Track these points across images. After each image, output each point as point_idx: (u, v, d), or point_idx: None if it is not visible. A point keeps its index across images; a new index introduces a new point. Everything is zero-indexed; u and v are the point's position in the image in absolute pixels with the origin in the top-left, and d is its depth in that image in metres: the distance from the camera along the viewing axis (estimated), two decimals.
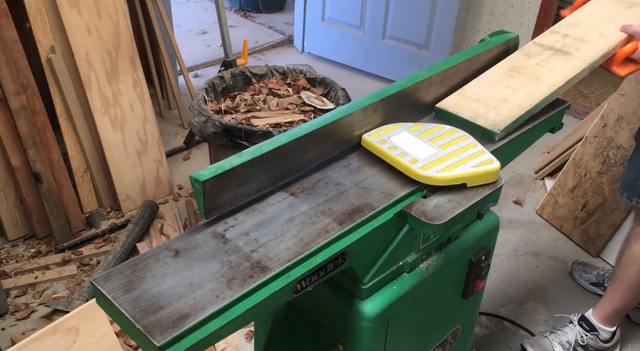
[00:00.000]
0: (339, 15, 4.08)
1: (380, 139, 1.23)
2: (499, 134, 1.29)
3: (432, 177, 1.13)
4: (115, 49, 2.52)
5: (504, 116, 1.32)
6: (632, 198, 1.80)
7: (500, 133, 1.29)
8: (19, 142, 2.31)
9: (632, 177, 1.81)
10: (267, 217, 1.08)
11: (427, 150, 1.20)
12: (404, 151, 1.19)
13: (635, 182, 1.78)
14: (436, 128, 1.29)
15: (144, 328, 0.84)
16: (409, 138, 1.23)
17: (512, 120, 1.32)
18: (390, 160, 1.19)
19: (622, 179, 1.85)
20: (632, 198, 1.80)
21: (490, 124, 1.30)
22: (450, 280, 1.38)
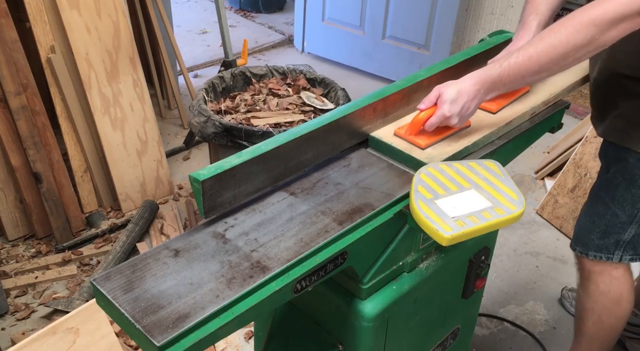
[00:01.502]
0: (339, 15, 4.08)
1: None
2: None
3: None
4: (115, 49, 2.52)
5: (442, 150, 1.25)
6: (587, 253, 1.59)
7: None
8: (19, 142, 2.31)
9: (584, 228, 1.60)
10: (267, 216, 1.08)
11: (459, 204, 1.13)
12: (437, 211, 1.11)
13: (589, 234, 1.57)
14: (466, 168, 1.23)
15: (144, 328, 0.84)
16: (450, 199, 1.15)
17: (448, 154, 1.24)
18: None
19: (575, 233, 1.64)
20: (587, 252, 1.59)
21: (425, 157, 1.22)
22: (450, 280, 1.38)
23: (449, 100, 1.19)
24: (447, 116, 1.20)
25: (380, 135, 1.30)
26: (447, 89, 1.20)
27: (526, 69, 1.16)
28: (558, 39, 1.12)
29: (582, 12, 1.11)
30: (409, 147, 1.25)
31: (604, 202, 1.53)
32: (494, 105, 1.37)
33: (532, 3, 1.41)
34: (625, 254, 1.54)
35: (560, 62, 1.15)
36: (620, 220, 1.50)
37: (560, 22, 1.13)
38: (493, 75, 1.19)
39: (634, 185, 1.45)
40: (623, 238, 1.52)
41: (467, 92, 1.19)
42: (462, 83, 1.20)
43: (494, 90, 1.21)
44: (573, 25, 1.11)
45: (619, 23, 1.09)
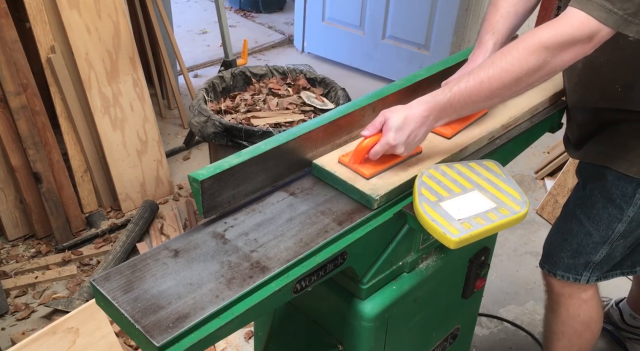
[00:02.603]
0: (339, 15, 4.08)
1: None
2: (378, 201, 1.10)
3: None
4: (115, 49, 2.52)
5: (388, 180, 1.15)
6: (555, 272, 1.52)
7: (380, 200, 1.10)
8: (19, 142, 2.31)
9: (555, 246, 1.53)
10: (266, 217, 1.08)
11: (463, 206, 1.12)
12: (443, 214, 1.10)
13: (559, 252, 1.51)
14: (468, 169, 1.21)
15: (144, 328, 0.84)
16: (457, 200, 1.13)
17: (395, 185, 1.14)
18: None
19: (544, 250, 1.58)
20: (555, 271, 1.52)
21: (369, 188, 1.12)
22: (450, 280, 1.38)
23: (395, 128, 1.10)
24: (392, 144, 1.11)
25: (324, 162, 1.20)
26: (393, 115, 1.11)
27: (477, 94, 1.09)
28: (510, 63, 1.07)
29: (533, 34, 1.07)
30: (352, 176, 1.15)
31: (578, 219, 1.46)
32: (448, 130, 1.28)
33: (489, 21, 1.35)
34: (592, 275, 1.48)
35: (513, 87, 1.09)
36: (593, 240, 1.43)
37: (512, 45, 1.08)
38: (442, 100, 1.11)
39: (611, 204, 1.38)
40: (594, 260, 1.46)
41: (415, 119, 1.11)
42: (409, 109, 1.12)
43: (444, 116, 1.13)
44: (525, 48, 1.06)
45: (570, 47, 1.05)
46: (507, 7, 1.34)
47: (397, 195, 1.15)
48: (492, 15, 1.34)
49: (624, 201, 1.36)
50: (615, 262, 1.49)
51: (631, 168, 1.33)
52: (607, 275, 1.51)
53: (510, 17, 1.33)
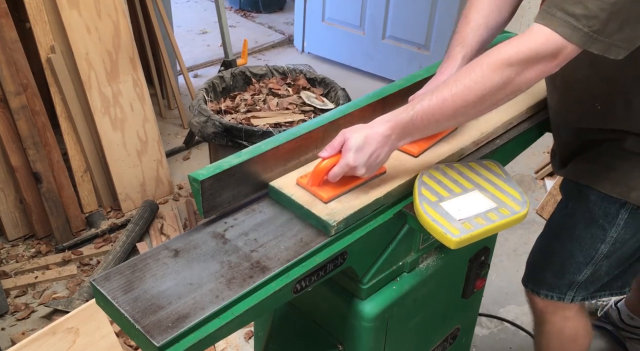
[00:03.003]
0: (339, 15, 4.08)
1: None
2: (336, 227, 1.03)
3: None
4: (115, 49, 2.52)
5: (347, 204, 1.08)
6: (539, 291, 1.49)
7: (337, 226, 1.03)
8: (19, 142, 2.31)
9: (538, 265, 1.50)
10: (266, 217, 1.08)
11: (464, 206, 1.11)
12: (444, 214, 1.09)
13: (543, 272, 1.47)
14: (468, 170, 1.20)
15: (144, 329, 0.84)
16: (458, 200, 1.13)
17: (355, 209, 1.06)
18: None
19: (527, 268, 1.55)
20: (539, 291, 1.49)
21: (326, 214, 1.05)
22: (450, 280, 1.38)
23: (355, 148, 1.04)
24: (352, 166, 1.05)
25: (281, 184, 1.13)
26: (353, 135, 1.05)
27: (440, 113, 1.04)
28: (473, 80, 1.02)
29: (497, 50, 1.03)
30: (310, 199, 1.08)
31: (561, 239, 1.42)
32: (415, 148, 1.22)
33: (460, 33, 1.29)
34: (577, 295, 1.44)
35: (477, 106, 1.04)
36: (576, 260, 1.39)
37: (476, 61, 1.04)
38: (405, 119, 1.05)
39: (593, 225, 1.34)
40: (577, 280, 1.42)
41: (376, 139, 1.05)
42: (370, 128, 1.06)
43: (406, 136, 1.07)
44: (488, 64, 1.02)
45: (535, 64, 1.00)
46: (478, 19, 1.28)
47: (357, 219, 1.07)
48: (463, 27, 1.29)
49: (607, 221, 1.32)
50: (602, 282, 1.44)
51: (614, 188, 1.28)
52: (594, 295, 1.46)
53: (480, 30, 1.28)
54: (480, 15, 1.28)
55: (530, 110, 1.43)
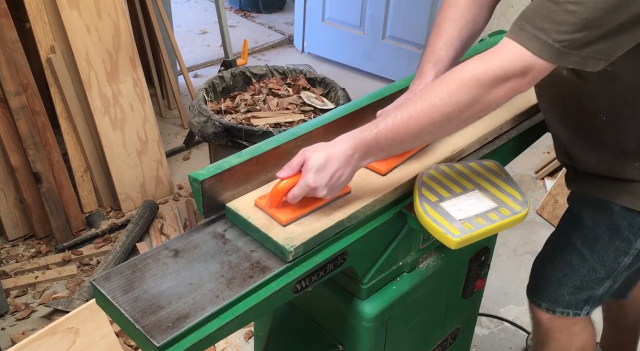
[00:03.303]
0: (339, 15, 4.08)
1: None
2: (294, 253, 0.97)
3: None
4: (115, 49, 2.52)
5: (308, 227, 1.01)
6: (554, 309, 1.40)
7: (295, 252, 0.97)
8: (19, 142, 2.31)
9: (553, 282, 1.40)
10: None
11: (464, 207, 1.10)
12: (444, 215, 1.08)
13: (559, 289, 1.38)
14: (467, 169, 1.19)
15: (144, 329, 0.84)
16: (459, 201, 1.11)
17: (315, 233, 1.00)
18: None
19: (538, 284, 1.45)
20: (554, 309, 1.40)
21: (284, 238, 0.98)
22: (450, 280, 1.38)
23: (315, 168, 0.99)
24: (312, 187, 1.00)
25: (239, 205, 1.07)
26: (313, 154, 1.00)
27: (406, 131, 0.98)
28: (439, 97, 0.96)
29: (464, 66, 0.97)
30: (268, 222, 1.02)
31: (580, 253, 1.33)
32: (383, 166, 1.16)
33: (432, 46, 1.21)
34: (592, 308, 1.38)
35: (444, 125, 0.98)
36: (598, 275, 1.32)
37: (442, 78, 0.99)
38: (368, 138, 0.99)
39: (618, 237, 1.26)
40: (596, 294, 1.35)
41: (338, 158, 0.99)
42: (332, 147, 1.00)
43: (370, 155, 1.01)
44: (455, 81, 0.96)
45: (504, 81, 0.94)
46: (451, 32, 1.20)
47: (318, 243, 1.01)
48: (435, 40, 1.21)
49: (632, 233, 1.25)
50: (614, 291, 1.38)
51: (637, 202, 1.21)
52: (603, 302, 1.43)
53: (454, 44, 1.20)
54: (454, 28, 1.20)
55: (508, 124, 1.37)
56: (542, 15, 0.91)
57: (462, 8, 1.21)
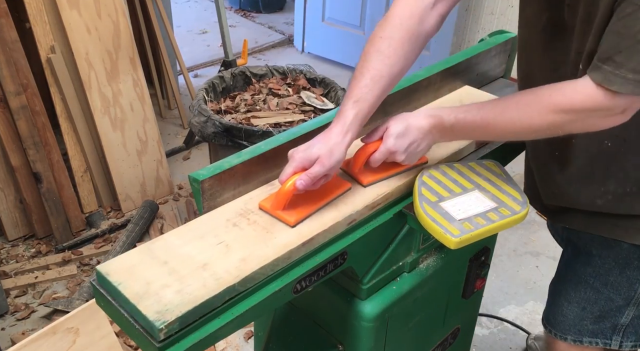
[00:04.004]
0: (339, 15, 4.08)
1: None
2: (165, 331, 0.80)
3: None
4: (115, 49, 2.52)
5: (188, 295, 0.85)
6: (582, 340, 1.36)
7: (166, 330, 0.81)
8: (19, 142, 2.31)
9: (573, 316, 1.36)
10: None
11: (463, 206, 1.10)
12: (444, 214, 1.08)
13: (581, 321, 1.35)
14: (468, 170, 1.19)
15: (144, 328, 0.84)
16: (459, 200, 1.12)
17: (197, 303, 0.84)
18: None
19: (559, 320, 1.40)
20: (582, 339, 1.36)
21: (155, 311, 0.82)
22: (450, 280, 1.38)
23: (396, 134, 1.08)
24: (392, 151, 1.08)
25: (110, 269, 0.92)
26: (395, 122, 1.09)
27: (480, 132, 1.10)
28: (518, 117, 1.03)
29: (548, 94, 1.00)
30: (142, 291, 0.86)
31: (593, 288, 1.30)
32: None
33: (357, 80, 1.10)
34: (625, 340, 1.32)
35: (512, 138, 1.14)
36: (616, 304, 1.29)
37: (525, 98, 1.03)
38: (447, 123, 1.09)
39: (628, 268, 1.24)
40: (621, 322, 1.31)
41: (418, 130, 1.09)
42: (414, 117, 1.09)
43: (445, 137, 1.13)
44: (538, 108, 1.00)
45: (589, 115, 0.98)
46: (380, 68, 1.09)
47: (202, 314, 0.86)
48: (362, 74, 1.10)
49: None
50: None
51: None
52: None
53: (382, 82, 1.09)
54: (385, 64, 1.10)
55: None
56: (629, 54, 0.91)
57: (397, 43, 1.11)
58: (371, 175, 1.13)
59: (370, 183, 1.12)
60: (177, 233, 0.99)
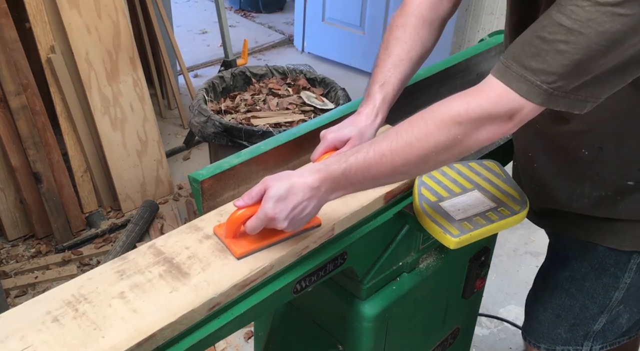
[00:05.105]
0: (339, 15, 4.08)
1: None
2: None
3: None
4: (115, 49, 2.52)
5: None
6: (554, 348, 1.35)
7: None
8: (19, 142, 2.31)
9: (547, 323, 1.34)
10: None
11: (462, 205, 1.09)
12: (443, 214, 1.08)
13: (555, 329, 1.33)
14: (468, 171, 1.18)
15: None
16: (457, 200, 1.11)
17: None
18: None
19: (533, 327, 1.38)
20: (554, 348, 1.35)
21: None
22: (450, 280, 1.38)
23: (276, 198, 0.92)
24: (271, 217, 0.92)
25: None
26: (275, 183, 0.93)
27: (377, 169, 0.92)
28: (415, 137, 0.89)
29: (444, 105, 0.90)
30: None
31: (569, 293, 1.28)
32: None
33: (380, 67, 1.16)
34: (595, 344, 1.31)
35: (420, 165, 0.92)
36: (590, 312, 1.27)
37: (420, 116, 0.91)
38: (337, 172, 0.93)
39: (604, 274, 1.21)
40: (593, 329, 1.29)
41: (302, 190, 0.92)
42: (297, 177, 0.93)
43: (338, 190, 0.95)
44: (434, 121, 0.89)
45: (487, 124, 0.87)
46: (399, 53, 1.16)
47: None
48: (384, 60, 1.17)
49: (619, 268, 1.20)
50: (622, 330, 1.30)
51: (623, 242, 1.15)
52: (613, 342, 1.33)
53: (403, 65, 1.15)
54: (403, 49, 1.16)
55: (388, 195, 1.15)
56: (531, 53, 0.84)
57: (411, 28, 1.17)
58: (247, 244, 0.95)
59: (245, 254, 0.94)
60: (13, 312, 0.82)
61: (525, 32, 0.86)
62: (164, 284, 0.88)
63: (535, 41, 0.83)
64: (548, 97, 0.84)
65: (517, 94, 0.85)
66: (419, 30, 1.17)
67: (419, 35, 1.17)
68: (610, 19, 0.78)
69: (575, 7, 0.79)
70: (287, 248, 0.97)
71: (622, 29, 0.78)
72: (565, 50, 0.81)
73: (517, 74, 0.85)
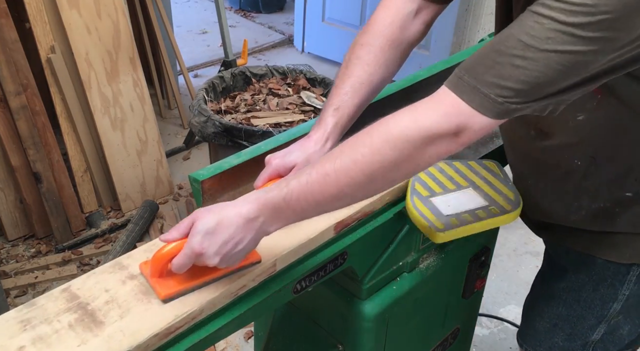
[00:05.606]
0: (339, 15, 4.08)
1: None
2: None
3: None
4: (115, 49, 2.52)
5: None
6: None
7: None
8: (19, 142, 2.31)
9: (543, 332, 1.30)
10: None
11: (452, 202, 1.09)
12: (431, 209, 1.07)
13: (551, 338, 1.30)
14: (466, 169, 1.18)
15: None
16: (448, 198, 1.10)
17: None
18: None
19: (530, 334, 1.34)
20: None
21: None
22: (450, 280, 1.38)
23: (203, 232, 0.82)
24: (198, 253, 0.82)
25: None
26: (205, 215, 0.84)
27: (321, 192, 0.82)
28: (361, 153, 0.81)
29: (391, 121, 0.82)
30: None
31: (566, 303, 1.25)
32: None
33: (338, 88, 1.08)
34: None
35: (367, 185, 0.83)
36: (588, 322, 1.23)
37: (366, 131, 0.83)
38: (276, 198, 0.83)
39: (602, 285, 1.18)
40: (591, 339, 1.26)
41: (235, 222, 0.82)
42: (231, 208, 0.84)
43: (280, 219, 0.85)
44: (380, 136, 0.81)
45: (435, 142, 0.80)
46: (360, 75, 1.08)
47: None
48: (342, 81, 1.09)
49: (617, 280, 1.16)
50: (625, 342, 1.26)
51: (622, 256, 1.12)
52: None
53: (362, 90, 1.07)
54: (365, 71, 1.09)
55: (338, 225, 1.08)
56: (486, 66, 0.79)
57: (376, 50, 1.09)
58: (175, 284, 0.85)
59: (172, 296, 0.84)
60: None
61: (484, 46, 0.81)
62: (72, 336, 0.76)
63: (492, 54, 0.78)
64: (501, 111, 0.79)
65: (468, 106, 0.79)
66: (385, 52, 1.09)
67: (384, 57, 1.09)
68: (570, 40, 0.73)
69: (535, 23, 0.74)
70: (221, 288, 0.86)
71: (584, 51, 0.73)
72: (521, 65, 0.76)
73: (469, 85, 0.79)
